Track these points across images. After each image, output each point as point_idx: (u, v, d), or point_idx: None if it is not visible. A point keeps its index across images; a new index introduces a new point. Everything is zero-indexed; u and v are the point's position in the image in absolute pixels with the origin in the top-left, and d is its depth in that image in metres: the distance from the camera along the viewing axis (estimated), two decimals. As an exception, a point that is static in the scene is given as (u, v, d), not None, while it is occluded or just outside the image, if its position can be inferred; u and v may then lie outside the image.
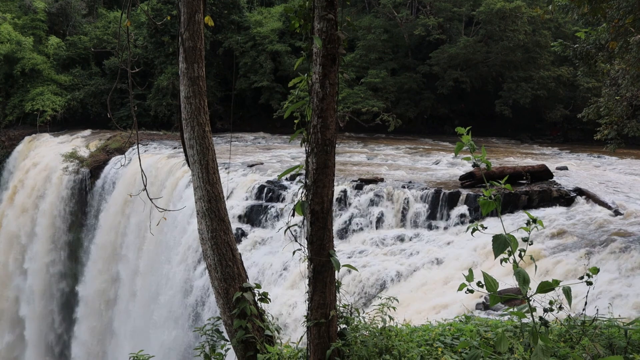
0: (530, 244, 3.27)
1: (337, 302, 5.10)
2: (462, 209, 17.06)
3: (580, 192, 17.08)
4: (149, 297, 22.81)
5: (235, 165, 23.87)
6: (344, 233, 17.93)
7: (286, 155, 27.94)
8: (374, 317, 5.54)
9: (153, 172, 24.92)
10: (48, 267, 30.72)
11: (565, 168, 22.44)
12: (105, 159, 30.69)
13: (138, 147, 6.56)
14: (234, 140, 34.92)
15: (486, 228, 3.22)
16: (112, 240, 26.63)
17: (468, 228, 3.30)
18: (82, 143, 34.49)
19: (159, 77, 40.56)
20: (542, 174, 18.55)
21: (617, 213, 15.29)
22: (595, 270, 3.96)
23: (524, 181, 17.93)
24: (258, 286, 5.92)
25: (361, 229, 17.86)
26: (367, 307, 12.37)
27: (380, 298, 5.93)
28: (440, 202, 17.50)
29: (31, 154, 35.66)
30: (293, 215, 4.96)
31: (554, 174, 19.08)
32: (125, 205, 25.69)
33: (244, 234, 19.53)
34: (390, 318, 5.59)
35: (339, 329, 5.16)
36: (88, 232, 29.83)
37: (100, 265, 27.26)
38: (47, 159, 33.17)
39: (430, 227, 17.23)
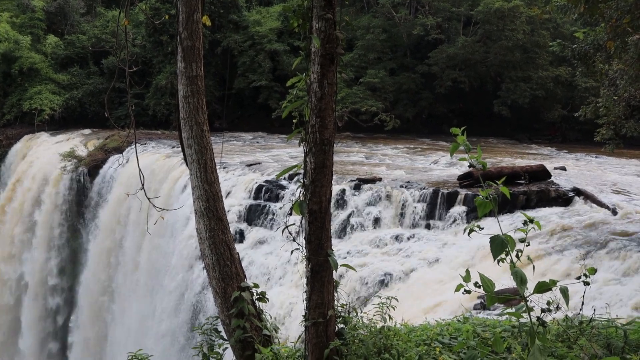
0: (527, 245, 3.27)
1: (335, 302, 5.10)
2: (460, 208, 17.07)
3: (578, 192, 17.10)
4: (147, 295, 22.80)
5: (233, 164, 23.86)
6: (342, 233, 17.93)
7: (284, 154, 27.93)
8: (373, 316, 5.55)
9: (151, 172, 24.89)
10: (46, 267, 30.66)
11: (563, 168, 22.45)
12: (103, 158, 30.65)
13: (136, 147, 6.56)
14: (232, 139, 34.90)
15: (483, 229, 3.22)
16: (110, 239, 26.60)
17: (465, 229, 3.30)
18: (80, 142, 34.44)
19: (157, 76, 40.52)
20: (540, 174, 18.56)
21: (614, 213, 15.32)
22: (593, 271, 3.96)
23: (522, 181, 17.95)
24: (256, 285, 5.92)
25: (359, 228, 17.86)
26: (365, 307, 12.38)
27: (379, 297, 5.93)
28: (438, 202, 17.51)
29: (29, 153, 35.60)
30: (291, 214, 4.96)
31: (552, 174, 19.10)
32: (123, 204, 25.66)
33: (242, 234, 19.53)
34: (390, 317, 5.59)
35: (337, 328, 5.16)
36: (86, 231, 29.80)
37: (98, 263, 27.23)
38: (45, 158, 33.12)
39: (428, 227, 17.24)
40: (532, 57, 38.27)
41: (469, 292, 3.19)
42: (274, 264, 17.62)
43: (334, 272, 4.90)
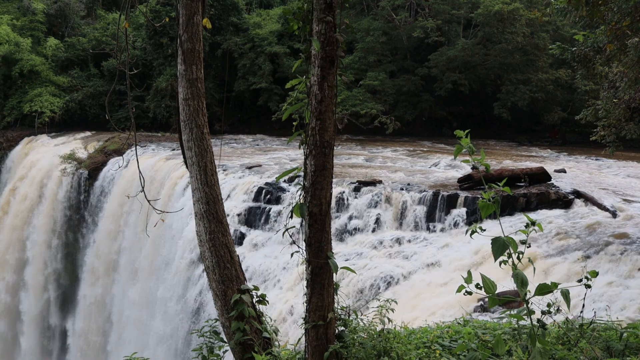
0: (528, 247, 3.27)
1: (335, 305, 5.09)
2: (460, 211, 17.06)
3: (578, 194, 17.09)
4: (147, 298, 22.77)
5: (233, 167, 23.86)
6: (342, 235, 17.92)
7: (285, 157, 27.94)
8: (373, 319, 5.54)
9: (151, 174, 24.89)
10: (45, 269, 30.65)
11: (563, 170, 22.45)
12: (103, 160, 30.66)
13: (136, 149, 6.57)
14: (232, 142, 34.91)
15: (485, 230, 3.22)
16: (110, 241, 26.59)
17: (467, 230, 3.30)
18: (80, 144, 34.44)
19: (157, 79, 40.55)
20: (540, 176, 18.56)
21: (614, 215, 15.32)
22: (595, 274, 3.96)
23: (522, 184, 17.95)
24: (256, 288, 5.91)
25: (359, 231, 17.85)
26: (365, 310, 12.36)
27: (379, 300, 5.93)
28: (438, 205, 17.50)
29: (29, 155, 35.61)
30: (291, 217, 4.96)
31: (552, 176, 19.10)
32: (124, 206, 25.66)
33: (242, 236, 19.51)
34: (390, 320, 5.59)
35: (337, 331, 5.16)
36: (86, 233, 29.79)
37: (98, 266, 27.22)
38: (45, 160, 33.12)
39: (428, 229, 17.23)
40: (532, 59, 38.28)
41: (470, 293, 3.18)
42: (274, 266, 17.61)
43: (334, 274, 4.90)
